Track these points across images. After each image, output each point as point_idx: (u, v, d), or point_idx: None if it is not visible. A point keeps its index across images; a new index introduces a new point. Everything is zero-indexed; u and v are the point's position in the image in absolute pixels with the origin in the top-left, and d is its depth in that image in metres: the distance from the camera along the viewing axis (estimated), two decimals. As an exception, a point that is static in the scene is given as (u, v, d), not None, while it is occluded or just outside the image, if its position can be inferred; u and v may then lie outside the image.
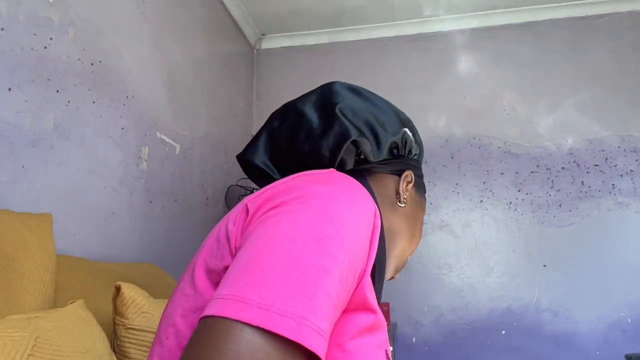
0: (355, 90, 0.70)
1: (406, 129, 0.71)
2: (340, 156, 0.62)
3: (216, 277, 0.49)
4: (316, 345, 0.38)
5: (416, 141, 0.74)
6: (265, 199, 0.49)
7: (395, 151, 0.71)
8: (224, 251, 0.49)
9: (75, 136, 1.34)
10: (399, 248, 0.71)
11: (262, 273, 0.41)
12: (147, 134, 1.71)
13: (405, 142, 0.71)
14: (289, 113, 0.71)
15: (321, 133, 0.64)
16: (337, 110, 0.64)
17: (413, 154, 0.74)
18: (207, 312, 0.40)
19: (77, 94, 1.35)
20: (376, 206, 0.52)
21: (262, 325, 0.37)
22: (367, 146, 0.65)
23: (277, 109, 0.74)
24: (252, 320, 0.38)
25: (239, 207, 0.52)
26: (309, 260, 0.42)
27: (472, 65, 2.67)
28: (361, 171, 0.69)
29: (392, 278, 0.75)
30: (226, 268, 0.48)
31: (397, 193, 0.70)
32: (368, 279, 0.49)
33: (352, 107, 0.66)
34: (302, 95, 0.72)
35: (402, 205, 0.70)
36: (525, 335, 2.33)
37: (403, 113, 0.74)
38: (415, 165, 0.75)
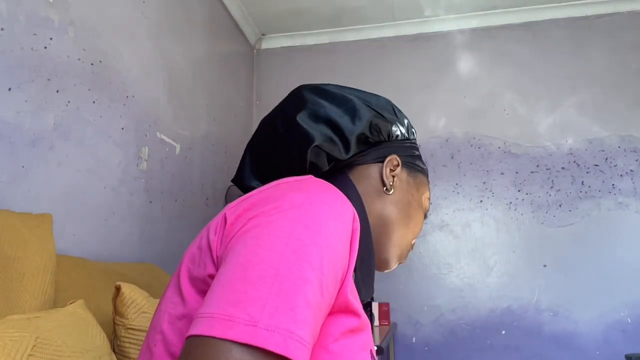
0: (320, 91, 0.70)
1: (373, 117, 0.68)
2: (308, 162, 0.64)
3: (200, 285, 0.49)
4: (302, 358, 0.39)
5: (395, 122, 0.72)
6: (244, 209, 0.49)
7: (370, 140, 0.69)
8: (206, 259, 0.49)
9: (75, 136, 1.34)
10: (397, 235, 0.70)
11: (245, 289, 0.41)
12: (147, 134, 1.71)
13: (379, 128, 0.69)
14: (262, 128, 0.73)
15: (286, 144, 0.67)
16: (297, 119, 0.66)
17: (394, 136, 0.72)
18: (194, 332, 0.40)
19: (77, 94, 1.35)
20: (354, 210, 0.52)
21: (251, 342, 0.38)
22: (333, 146, 0.66)
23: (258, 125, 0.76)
24: (240, 338, 0.38)
25: (219, 216, 0.52)
26: (289, 272, 0.42)
27: (472, 65, 2.67)
28: (342, 168, 0.70)
29: (400, 263, 0.75)
30: (209, 277, 0.48)
31: (383, 181, 0.69)
32: (350, 283, 0.49)
33: (313, 112, 0.67)
34: (275, 107, 0.74)
35: (390, 192, 0.69)
36: (525, 335, 2.33)
37: (377, 98, 0.72)
38: (401, 146, 0.73)
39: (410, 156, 0.74)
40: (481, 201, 2.51)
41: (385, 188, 0.69)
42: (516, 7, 2.63)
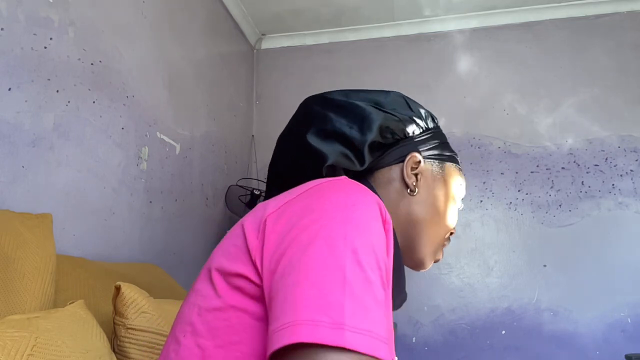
0: (326, 102, 0.69)
1: (384, 119, 0.66)
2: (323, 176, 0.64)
3: (234, 280, 0.49)
4: (387, 355, 0.40)
5: (410, 117, 0.69)
6: (288, 218, 0.49)
7: (385, 143, 0.68)
8: (242, 258, 0.49)
9: (75, 136, 1.34)
10: (428, 234, 0.69)
11: (320, 294, 0.41)
12: (147, 134, 1.71)
13: (391, 130, 0.67)
14: (279, 146, 0.74)
15: (301, 164, 0.67)
16: (307, 139, 0.66)
17: (411, 133, 0.69)
18: (279, 344, 0.39)
19: (77, 94, 1.35)
20: (386, 210, 0.52)
21: (340, 344, 0.38)
22: (346, 161, 0.65)
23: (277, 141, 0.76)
24: (330, 341, 0.38)
25: (257, 218, 0.51)
26: (354, 274, 0.43)
27: (472, 65, 2.67)
28: (362, 174, 0.69)
29: (437, 260, 0.74)
30: (244, 275, 0.48)
31: (405, 182, 0.68)
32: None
33: (321, 128, 0.66)
34: (288, 122, 0.74)
35: (414, 193, 0.67)
36: (525, 335, 2.33)
37: (386, 95, 0.69)
38: (421, 140, 0.70)
39: (433, 147, 0.71)
40: (481, 201, 2.51)
41: (408, 189, 0.67)
42: (516, 7, 2.63)
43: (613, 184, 2.39)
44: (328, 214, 0.47)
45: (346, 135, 0.65)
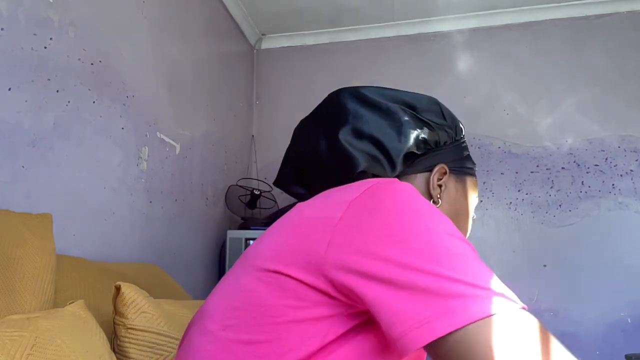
0: (362, 99, 0.67)
1: (420, 129, 0.65)
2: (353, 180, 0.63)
3: (286, 281, 0.48)
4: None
5: (442, 126, 0.68)
6: (362, 222, 0.48)
7: (417, 152, 0.67)
8: (301, 262, 0.48)
9: (75, 136, 1.34)
10: None
11: (459, 276, 0.43)
12: (147, 134, 1.71)
13: (426, 140, 0.66)
14: (302, 134, 0.72)
15: (331, 165, 0.65)
16: (340, 138, 0.64)
17: (442, 143, 0.69)
18: (446, 329, 0.40)
19: (77, 94, 1.35)
20: None
21: (510, 309, 0.42)
22: (378, 166, 0.64)
23: (296, 126, 0.74)
24: (496, 310, 0.42)
25: (316, 220, 0.50)
26: (466, 249, 0.46)
27: (472, 65, 2.67)
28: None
29: None
30: (299, 280, 0.47)
31: (429, 193, 0.67)
32: None
33: (356, 128, 0.64)
34: (313, 111, 0.72)
35: (437, 205, 0.67)
36: (525, 335, 2.32)
37: (421, 100, 0.68)
38: (449, 150, 0.70)
39: (459, 159, 0.71)
40: (481, 201, 2.51)
41: (432, 200, 0.67)
42: (516, 7, 2.63)
43: (613, 184, 2.39)
44: (409, 209, 0.49)
45: (381, 141, 0.64)
